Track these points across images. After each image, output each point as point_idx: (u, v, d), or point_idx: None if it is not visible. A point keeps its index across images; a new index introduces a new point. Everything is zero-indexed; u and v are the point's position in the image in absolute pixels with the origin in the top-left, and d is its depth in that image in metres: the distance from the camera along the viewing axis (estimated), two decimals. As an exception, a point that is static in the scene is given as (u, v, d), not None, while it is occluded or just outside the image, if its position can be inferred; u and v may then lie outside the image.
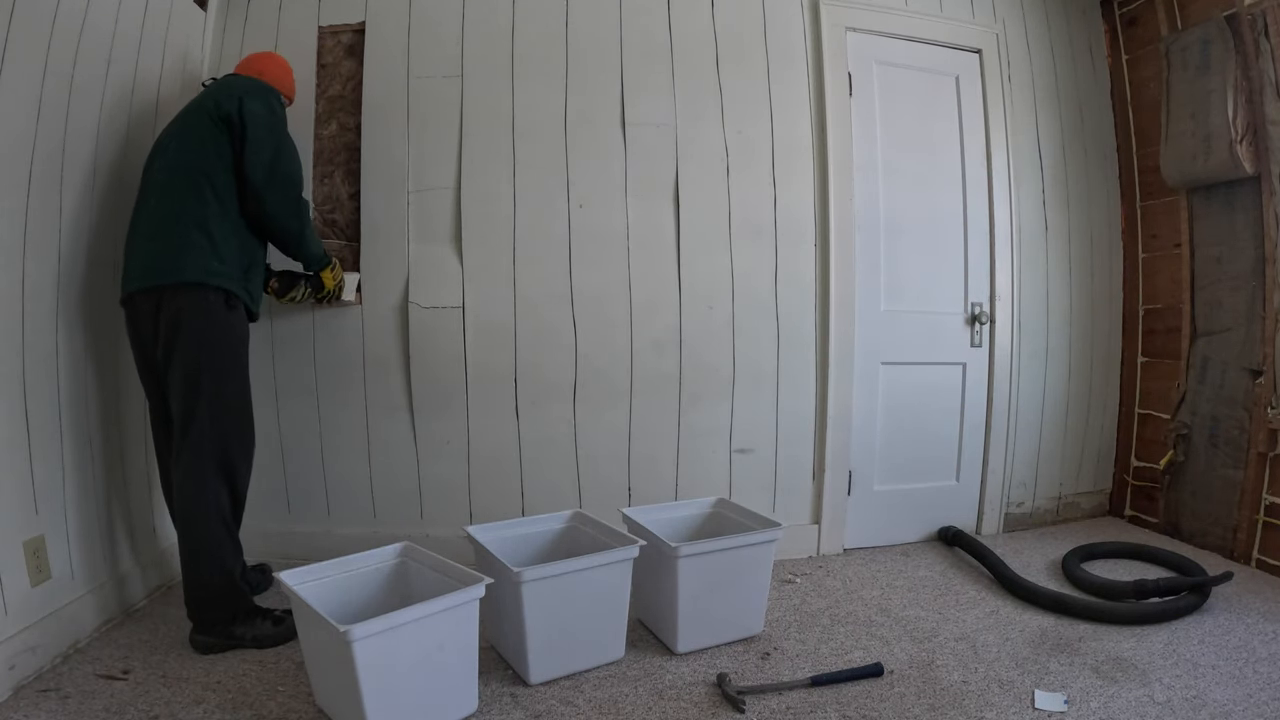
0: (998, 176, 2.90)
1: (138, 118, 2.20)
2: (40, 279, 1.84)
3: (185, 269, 1.86)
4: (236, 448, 1.96)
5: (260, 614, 1.97)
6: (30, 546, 1.77)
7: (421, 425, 2.54)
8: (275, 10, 2.52)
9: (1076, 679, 1.83)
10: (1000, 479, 2.98)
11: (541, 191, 2.54)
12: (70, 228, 1.94)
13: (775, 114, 2.68)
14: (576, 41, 2.56)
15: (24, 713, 1.61)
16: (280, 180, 1.99)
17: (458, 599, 1.59)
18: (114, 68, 2.07)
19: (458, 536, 2.15)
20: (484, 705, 1.70)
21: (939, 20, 2.85)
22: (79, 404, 1.98)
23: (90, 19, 1.95)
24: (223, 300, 1.91)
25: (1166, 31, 2.85)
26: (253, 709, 1.67)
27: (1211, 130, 2.60)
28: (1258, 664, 1.89)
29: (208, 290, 1.89)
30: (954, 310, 2.89)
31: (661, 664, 1.92)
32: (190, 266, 1.87)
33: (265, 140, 1.96)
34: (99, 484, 2.05)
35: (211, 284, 1.89)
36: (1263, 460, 2.56)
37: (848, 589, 2.45)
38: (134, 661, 1.86)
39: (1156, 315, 3.06)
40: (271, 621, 1.97)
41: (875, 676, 1.85)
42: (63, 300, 1.92)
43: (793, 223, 2.70)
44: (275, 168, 1.97)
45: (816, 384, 2.74)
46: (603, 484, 2.62)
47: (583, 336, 2.58)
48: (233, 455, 1.95)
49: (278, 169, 1.98)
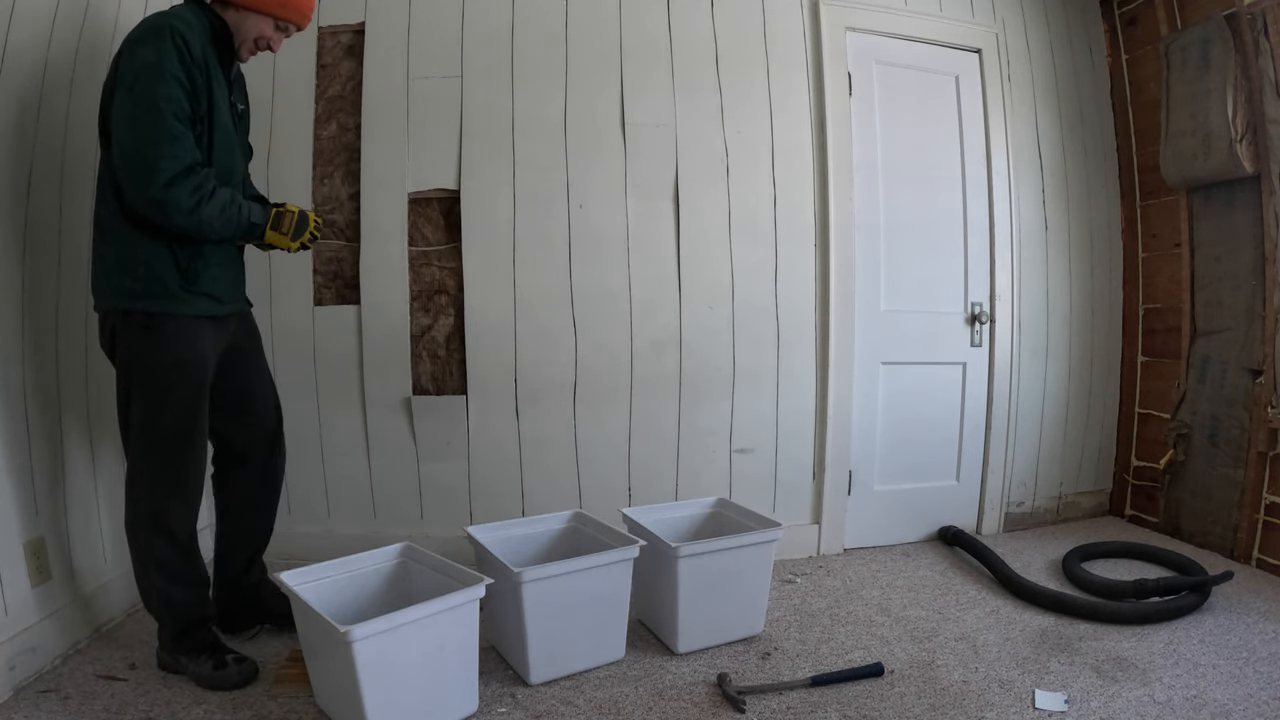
0: (997, 176, 2.90)
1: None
2: (40, 279, 1.84)
3: (93, 292, 1.71)
4: (163, 490, 1.71)
5: (209, 652, 1.77)
6: (30, 547, 1.77)
7: (421, 425, 2.54)
8: (275, 10, 2.52)
9: (1077, 679, 1.83)
10: (1000, 479, 2.98)
11: (541, 191, 2.54)
12: (70, 227, 1.94)
13: (775, 114, 2.68)
14: (576, 42, 2.56)
15: (24, 713, 1.61)
16: (127, 163, 1.56)
17: (458, 599, 1.59)
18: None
19: (458, 536, 2.15)
20: (484, 705, 1.70)
21: (939, 20, 2.85)
22: (79, 405, 1.98)
23: (90, 19, 1.95)
24: (137, 321, 1.66)
25: (1166, 31, 2.85)
26: (253, 709, 1.67)
27: (1211, 130, 2.60)
28: (1258, 663, 1.89)
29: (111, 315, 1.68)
30: (954, 310, 2.89)
31: (662, 664, 1.92)
32: (95, 289, 1.70)
33: (117, 113, 1.57)
34: (99, 485, 2.05)
35: (120, 307, 1.65)
36: (1263, 460, 2.56)
37: (848, 589, 2.45)
38: (134, 662, 1.86)
39: (1156, 315, 3.06)
40: (213, 664, 1.75)
41: (876, 676, 1.85)
42: (63, 299, 1.92)
43: (793, 223, 2.70)
44: (122, 146, 1.56)
45: (816, 384, 2.74)
46: (603, 484, 2.62)
47: (583, 336, 2.58)
48: (158, 499, 1.71)
49: (123, 148, 1.56)
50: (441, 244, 2.54)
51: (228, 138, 1.76)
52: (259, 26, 1.74)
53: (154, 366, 1.68)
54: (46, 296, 1.86)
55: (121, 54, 1.60)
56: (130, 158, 1.56)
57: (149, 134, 1.55)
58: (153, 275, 1.65)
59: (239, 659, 1.79)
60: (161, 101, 1.55)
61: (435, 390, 2.56)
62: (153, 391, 1.68)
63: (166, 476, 1.72)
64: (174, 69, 1.57)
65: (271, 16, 1.74)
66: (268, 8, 1.72)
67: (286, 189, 2.50)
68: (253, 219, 1.74)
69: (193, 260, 1.70)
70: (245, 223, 1.72)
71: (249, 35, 1.75)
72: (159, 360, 1.68)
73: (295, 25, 1.81)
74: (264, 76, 2.51)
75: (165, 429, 1.70)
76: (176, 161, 1.57)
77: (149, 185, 1.55)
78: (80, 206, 1.98)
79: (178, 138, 1.58)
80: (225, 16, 1.72)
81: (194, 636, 1.79)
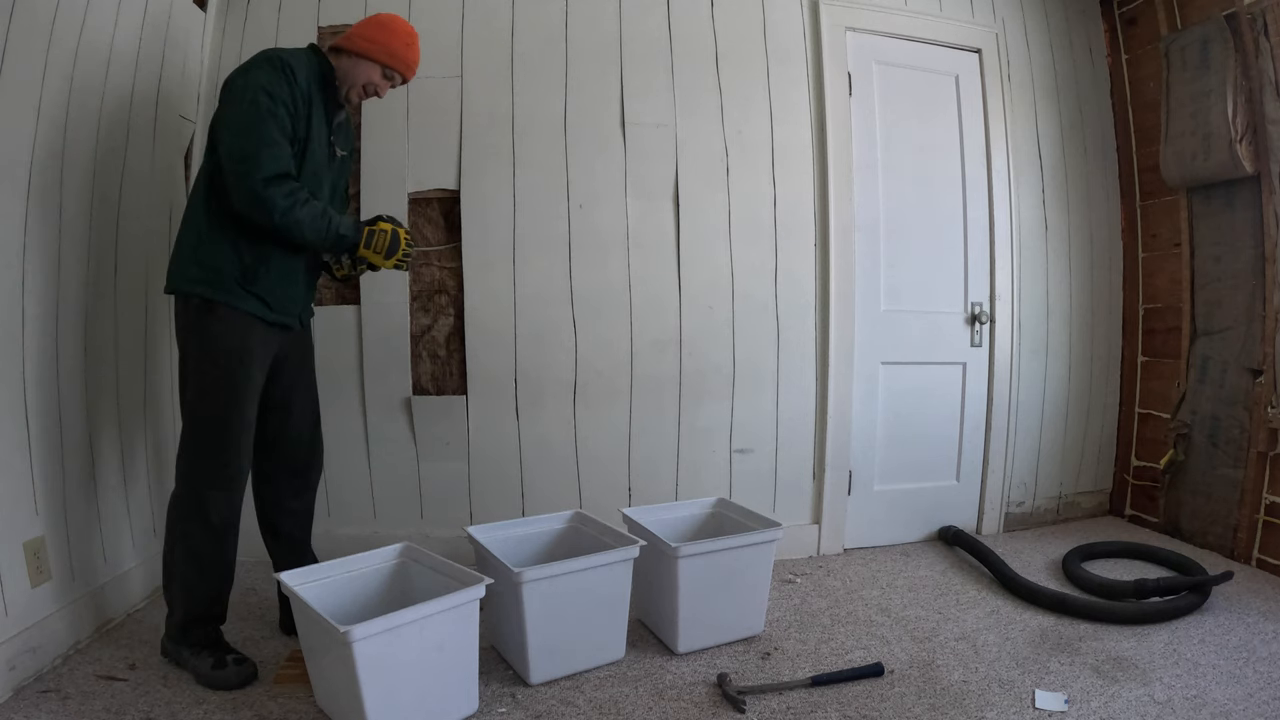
0: (997, 176, 2.90)
1: (138, 118, 2.20)
2: (40, 279, 1.84)
3: (169, 276, 1.82)
4: (203, 475, 1.78)
5: (211, 649, 1.79)
6: (31, 547, 1.77)
7: (421, 425, 2.54)
8: (275, 10, 2.52)
9: (1077, 678, 1.83)
10: (1000, 479, 2.98)
11: (541, 191, 2.54)
12: (70, 228, 1.94)
13: (775, 114, 2.68)
14: (576, 42, 2.56)
15: (24, 713, 1.61)
16: (234, 165, 1.69)
17: (458, 599, 1.59)
18: (114, 68, 2.07)
19: (458, 536, 2.15)
20: (484, 705, 1.70)
21: (939, 20, 2.85)
22: (79, 405, 1.98)
23: (90, 19, 1.95)
24: (195, 306, 1.77)
25: (1166, 31, 2.85)
26: (253, 709, 1.67)
27: (1211, 129, 2.60)
28: (1258, 663, 1.89)
29: (181, 298, 1.80)
30: (954, 310, 2.89)
31: (662, 664, 1.92)
32: (168, 273, 1.82)
33: (225, 119, 1.73)
34: (99, 485, 2.05)
35: (183, 290, 1.78)
36: (1263, 459, 2.56)
37: (848, 589, 2.45)
38: (134, 662, 1.86)
39: (1156, 315, 3.06)
40: (213, 662, 1.76)
41: (876, 676, 1.85)
42: (63, 300, 1.92)
43: (792, 223, 2.70)
44: (230, 151, 1.70)
45: (816, 384, 2.74)
46: (603, 484, 2.62)
47: (583, 336, 2.58)
48: (197, 482, 1.78)
49: (232, 152, 1.70)
50: (441, 244, 2.54)
51: (317, 169, 1.88)
52: (368, 73, 1.90)
53: (204, 351, 1.78)
54: (46, 297, 1.86)
55: (234, 78, 1.76)
56: (234, 159, 1.69)
57: (253, 137, 1.69)
58: (215, 266, 1.76)
59: (239, 659, 1.79)
60: (265, 114, 1.71)
61: (435, 390, 2.56)
62: (201, 376, 1.78)
63: (207, 462, 1.79)
64: (280, 91, 1.73)
65: (380, 65, 1.90)
66: (377, 57, 1.88)
67: (286, 189, 2.50)
68: (342, 231, 1.83)
69: (256, 264, 1.80)
70: (334, 234, 1.82)
71: (358, 81, 1.90)
72: (209, 345, 1.77)
73: (401, 75, 1.95)
74: (264, 76, 2.51)
75: (208, 414, 1.78)
76: (276, 164, 1.71)
77: (250, 181, 1.68)
78: (80, 207, 1.98)
79: (277, 144, 1.72)
80: (336, 63, 1.89)
81: (200, 631, 1.81)
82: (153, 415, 2.31)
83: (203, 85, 2.51)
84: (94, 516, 2.03)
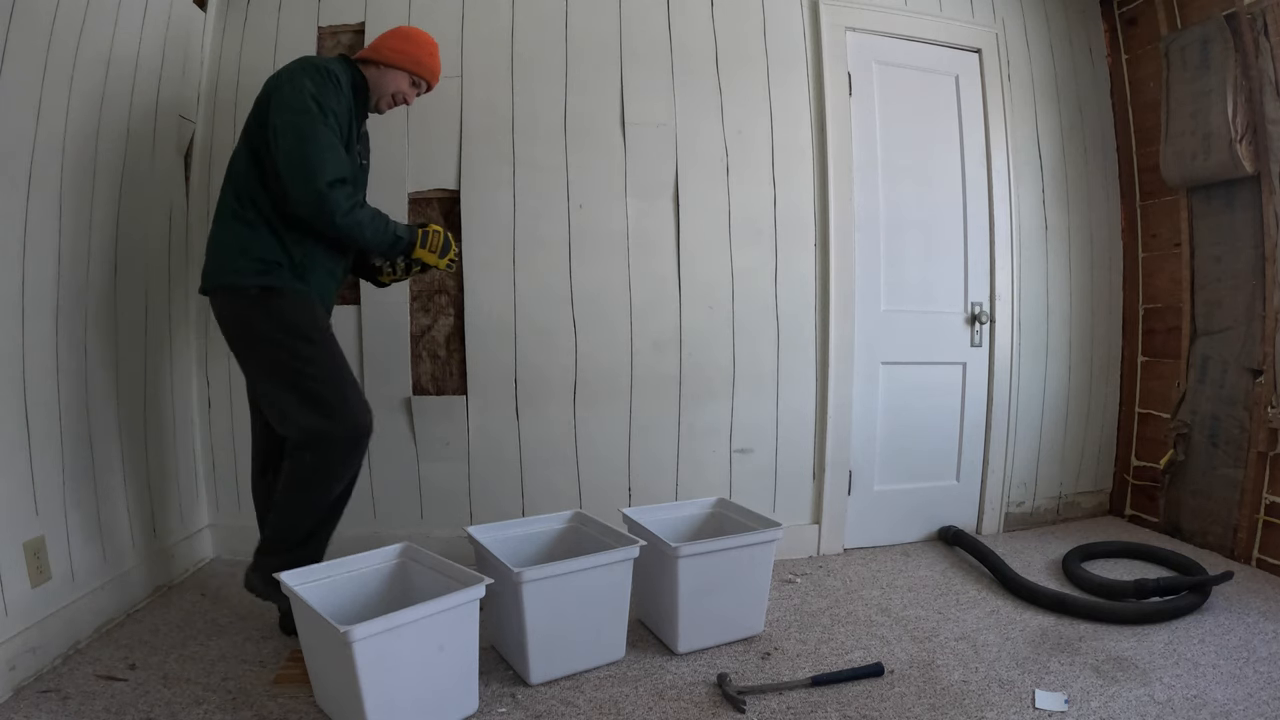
0: (997, 176, 2.90)
1: (138, 118, 2.20)
2: (40, 280, 1.84)
3: (215, 273, 1.85)
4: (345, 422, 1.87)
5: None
6: (30, 547, 1.77)
7: (421, 425, 2.54)
8: (275, 10, 2.52)
9: (1077, 678, 1.83)
10: (1000, 478, 2.98)
11: (541, 191, 2.54)
12: (70, 228, 1.94)
13: (775, 114, 2.68)
14: (576, 41, 2.56)
15: (24, 713, 1.61)
16: (295, 168, 1.75)
17: (458, 599, 1.59)
18: (114, 68, 2.07)
19: (458, 536, 2.15)
20: (484, 705, 1.70)
21: (939, 20, 2.85)
22: (79, 405, 1.98)
23: (90, 19, 1.95)
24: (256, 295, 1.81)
25: (1166, 31, 2.85)
26: (253, 709, 1.67)
27: (1211, 129, 2.60)
28: (1258, 663, 1.89)
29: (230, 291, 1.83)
30: (954, 310, 2.89)
31: (662, 664, 1.92)
32: (217, 270, 1.84)
33: (280, 125, 1.77)
34: (99, 485, 2.05)
35: (236, 284, 1.82)
36: (1263, 459, 2.56)
37: (848, 589, 2.45)
38: (134, 662, 1.86)
39: (1156, 315, 3.06)
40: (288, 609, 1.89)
41: (876, 676, 1.85)
42: (63, 300, 1.92)
43: (793, 223, 2.70)
44: (290, 155, 1.75)
45: (816, 384, 2.74)
46: (603, 484, 2.62)
47: (583, 336, 2.58)
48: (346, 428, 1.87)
49: (292, 156, 1.75)
50: (441, 244, 2.54)
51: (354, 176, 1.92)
52: (397, 82, 1.99)
53: (274, 329, 1.81)
54: (46, 296, 1.86)
55: (279, 85, 1.80)
56: (296, 164, 1.74)
57: (313, 142, 1.75)
58: (270, 259, 1.81)
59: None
60: (323, 120, 1.77)
61: (435, 390, 2.56)
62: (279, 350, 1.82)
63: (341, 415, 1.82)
64: (329, 99, 1.80)
65: (408, 73, 1.99)
66: (405, 65, 1.98)
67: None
68: (398, 232, 1.91)
69: (304, 259, 1.86)
70: (392, 235, 1.90)
71: (387, 90, 1.99)
72: (279, 322, 1.82)
73: (427, 82, 2.06)
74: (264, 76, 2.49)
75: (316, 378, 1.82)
76: (337, 168, 1.77)
77: (314, 184, 1.74)
78: (80, 206, 1.98)
79: (336, 149, 1.79)
80: (366, 73, 1.97)
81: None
82: (153, 415, 2.31)
83: (202, 85, 2.51)
84: (94, 516, 2.03)
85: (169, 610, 2.16)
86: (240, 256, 1.81)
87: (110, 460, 2.11)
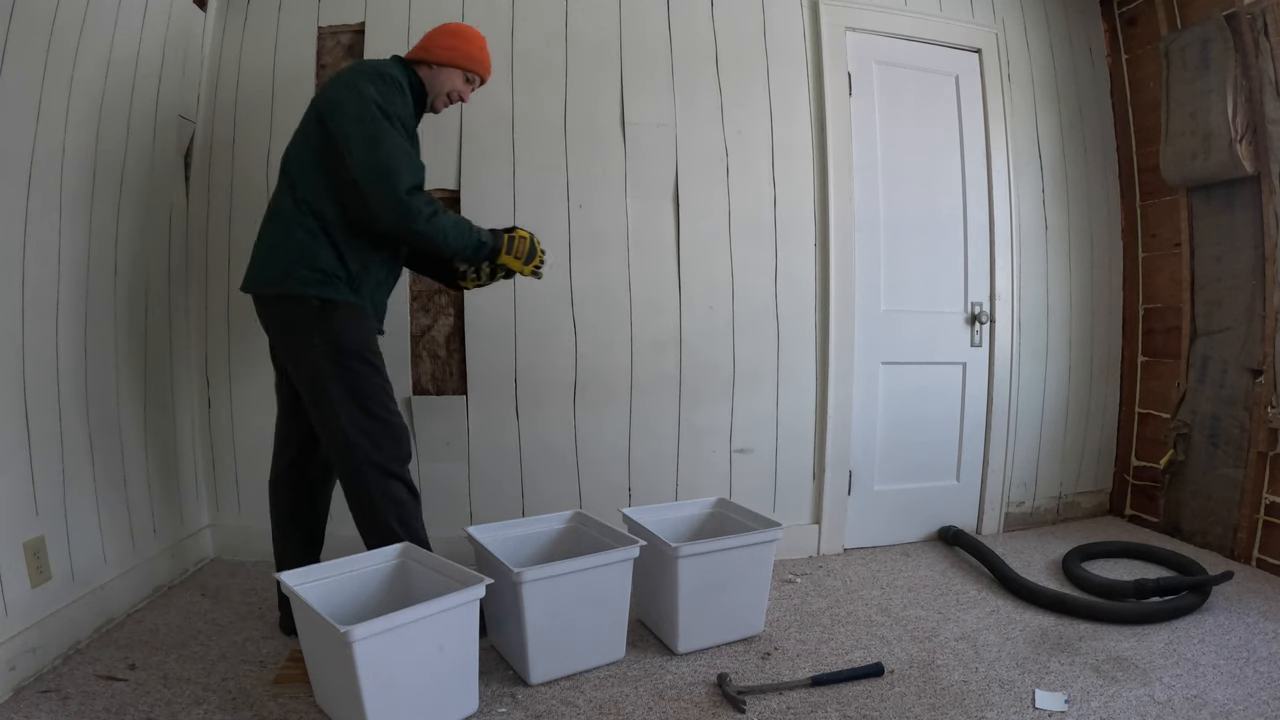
0: (997, 176, 2.90)
1: (138, 118, 2.20)
2: (40, 279, 1.84)
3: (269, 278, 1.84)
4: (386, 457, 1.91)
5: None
6: (30, 547, 1.77)
7: (421, 425, 2.54)
8: (275, 10, 2.52)
9: (1077, 678, 1.83)
10: (1000, 478, 2.98)
11: (541, 191, 2.54)
12: (70, 228, 1.94)
13: (775, 114, 2.68)
14: (576, 41, 2.56)
15: (24, 713, 1.61)
16: (372, 178, 1.74)
17: (458, 599, 1.59)
18: (113, 68, 2.07)
19: (458, 536, 2.15)
20: (484, 705, 1.70)
21: (939, 20, 2.85)
22: (79, 404, 1.98)
23: (90, 19, 1.95)
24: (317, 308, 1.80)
25: (1166, 31, 2.85)
26: (253, 709, 1.67)
27: (1211, 129, 2.60)
28: (1258, 663, 1.89)
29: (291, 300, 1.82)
30: (954, 310, 2.89)
31: (662, 664, 1.92)
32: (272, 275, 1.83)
33: (352, 135, 1.76)
34: (99, 485, 2.05)
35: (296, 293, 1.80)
36: (1263, 459, 2.56)
37: (848, 589, 2.45)
38: (134, 662, 1.86)
39: (1156, 315, 3.06)
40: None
41: (876, 676, 1.85)
42: (63, 300, 1.92)
43: (792, 223, 2.70)
44: (364, 161, 1.74)
45: (816, 384, 2.74)
46: (603, 484, 2.62)
47: (583, 337, 2.58)
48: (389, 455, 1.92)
49: (368, 166, 1.74)
50: (441, 244, 2.54)
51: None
52: (451, 80, 1.97)
53: (334, 348, 1.81)
54: (46, 296, 1.86)
55: (342, 92, 1.78)
56: (373, 173, 1.74)
57: (389, 151, 1.74)
58: (327, 270, 1.81)
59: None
60: (395, 130, 1.77)
61: (435, 390, 2.56)
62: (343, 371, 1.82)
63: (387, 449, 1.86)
64: (395, 106, 1.80)
65: (461, 70, 1.98)
66: (459, 63, 1.96)
67: (286, 189, 2.50)
68: (481, 237, 1.90)
69: (360, 272, 1.86)
70: (475, 239, 1.89)
71: (443, 89, 1.98)
72: (337, 342, 1.81)
73: (480, 77, 2.04)
74: (264, 76, 2.52)
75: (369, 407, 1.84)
76: (414, 175, 1.78)
77: (394, 192, 1.73)
78: (80, 207, 1.98)
79: (410, 155, 1.79)
80: (420, 74, 1.95)
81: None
82: (153, 415, 2.31)
83: (202, 85, 2.51)
84: (94, 516, 2.03)
85: (169, 610, 2.16)
86: (302, 266, 1.79)
87: (110, 460, 2.11)
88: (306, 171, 1.83)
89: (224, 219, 2.53)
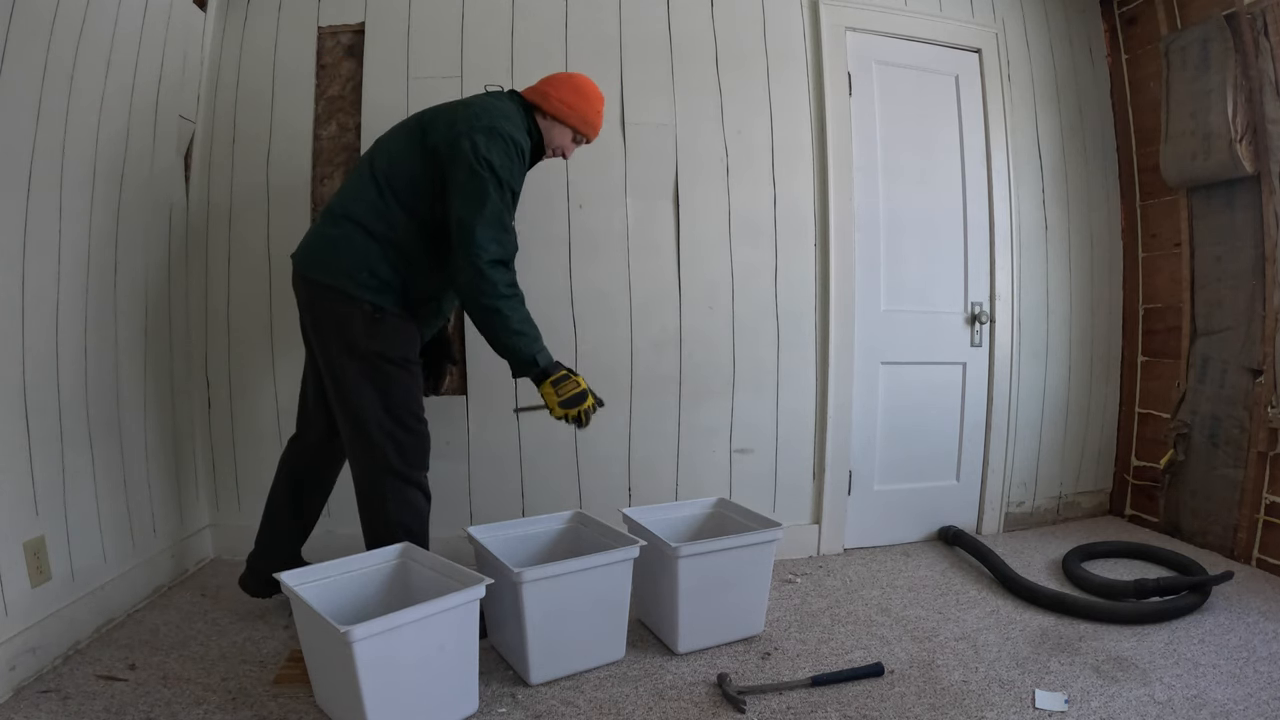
0: (997, 176, 2.90)
1: (137, 118, 2.20)
2: (40, 279, 1.84)
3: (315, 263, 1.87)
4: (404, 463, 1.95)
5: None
6: (30, 547, 1.77)
7: (421, 425, 2.54)
8: (275, 10, 2.52)
9: (1077, 678, 1.83)
10: (1000, 478, 2.98)
11: (541, 191, 2.54)
12: (70, 228, 1.94)
13: (775, 114, 2.68)
14: (576, 41, 2.56)
15: (24, 713, 1.61)
16: (463, 236, 1.76)
17: (458, 599, 1.59)
18: (113, 68, 2.07)
19: (458, 536, 2.15)
20: (484, 705, 1.70)
21: (938, 20, 2.85)
22: (79, 404, 1.98)
23: (90, 19, 1.95)
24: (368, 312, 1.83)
25: (1166, 31, 2.85)
26: (253, 709, 1.67)
27: (1211, 129, 2.60)
28: (1258, 663, 1.89)
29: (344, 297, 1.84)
30: (954, 310, 2.89)
31: (662, 664, 1.92)
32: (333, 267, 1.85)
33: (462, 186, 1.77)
34: (99, 485, 2.05)
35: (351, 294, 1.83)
36: (1263, 459, 2.56)
37: (848, 589, 2.45)
38: (134, 662, 1.86)
39: (1156, 315, 3.06)
40: None
41: (876, 676, 1.85)
42: (63, 300, 1.92)
43: (793, 223, 2.70)
44: (462, 221, 1.77)
45: (816, 384, 2.74)
46: (603, 484, 2.62)
47: (582, 336, 2.58)
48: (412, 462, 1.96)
49: (464, 223, 1.76)
50: (441, 244, 2.54)
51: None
52: (561, 137, 2.00)
53: (375, 352, 1.84)
54: (46, 296, 1.86)
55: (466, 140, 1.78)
56: (466, 232, 1.76)
57: (488, 218, 1.76)
58: (389, 285, 1.85)
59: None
60: (501, 197, 1.78)
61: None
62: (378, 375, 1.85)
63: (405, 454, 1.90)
64: (514, 179, 1.82)
65: (572, 129, 2.00)
66: (573, 123, 1.98)
67: (287, 189, 2.50)
68: (537, 354, 1.84)
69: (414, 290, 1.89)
70: (530, 352, 1.83)
71: (552, 143, 2.00)
72: (381, 348, 1.85)
73: (586, 139, 2.05)
74: (264, 76, 2.52)
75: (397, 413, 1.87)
76: (503, 249, 1.79)
77: (477, 260, 1.76)
78: (80, 206, 1.98)
79: (508, 230, 1.81)
80: (539, 123, 1.97)
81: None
82: (153, 415, 2.31)
83: (202, 85, 2.51)
84: (94, 516, 2.03)
85: (169, 610, 2.16)
86: (364, 270, 1.83)
87: (110, 460, 2.11)
88: (397, 186, 1.84)
89: (224, 219, 2.53)
